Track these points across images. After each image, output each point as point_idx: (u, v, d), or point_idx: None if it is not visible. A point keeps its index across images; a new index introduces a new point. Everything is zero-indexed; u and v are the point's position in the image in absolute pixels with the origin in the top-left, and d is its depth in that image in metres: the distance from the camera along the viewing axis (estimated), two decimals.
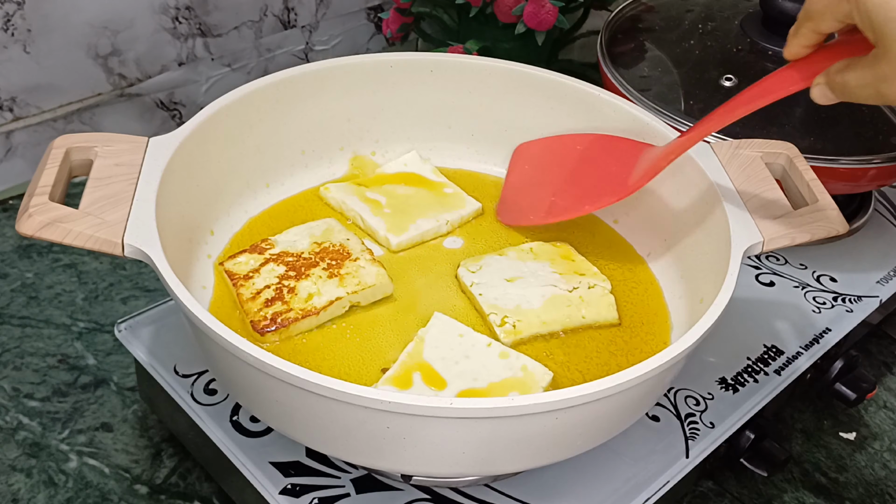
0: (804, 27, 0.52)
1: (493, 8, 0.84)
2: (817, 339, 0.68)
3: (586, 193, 0.64)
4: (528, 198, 0.68)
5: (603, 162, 0.65)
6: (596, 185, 0.64)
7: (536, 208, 0.66)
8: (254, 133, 0.65)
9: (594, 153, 0.67)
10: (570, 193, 0.66)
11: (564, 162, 0.68)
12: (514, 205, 0.69)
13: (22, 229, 0.49)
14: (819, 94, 0.52)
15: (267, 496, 0.54)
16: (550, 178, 0.68)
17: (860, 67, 0.48)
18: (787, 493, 0.66)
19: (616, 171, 0.63)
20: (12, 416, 0.66)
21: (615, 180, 0.63)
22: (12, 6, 0.77)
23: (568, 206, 0.65)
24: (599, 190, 0.64)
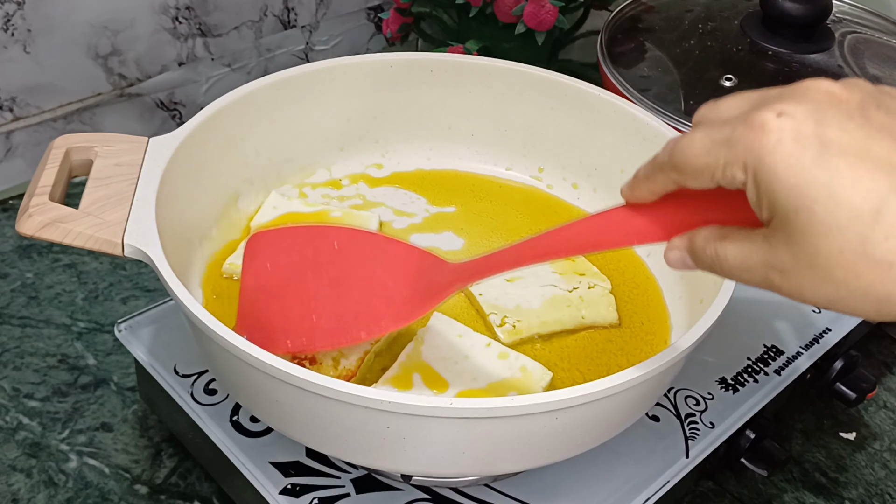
0: (663, 175, 0.41)
1: (493, 8, 0.84)
2: (817, 339, 0.68)
3: (357, 314, 0.52)
4: (279, 314, 0.54)
5: (370, 268, 0.53)
6: (368, 301, 0.52)
7: (293, 330, 0.53)
8: (254, 133, 0.65)
9: (356, 255, 0.54)
10: (335, 312, 0.53)
11: (319, 264, 0.54)
12: (261, 323, 0.54)
13: (22, 229, 0.49)
14: (676, 259, 0.42)
15: (267, 496, 0.54)
16: (303, 287, 0.54)
17: (745, 243, 0.38)
18: (787, 493, 0.66)
19: (390, 283, 0.52)
20: (12, 416, 0.66)
21: (392, 297, 0.52)
22: (12, 6, 0.77)
23: (334, 329, 0.52)
24: (373, 310, 0.52)
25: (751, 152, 0.36)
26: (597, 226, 0.45)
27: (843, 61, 0.78)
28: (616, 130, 0.67)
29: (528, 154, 0.72)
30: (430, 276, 0.51)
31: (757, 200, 0.36)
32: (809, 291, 0.36)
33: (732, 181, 0.37)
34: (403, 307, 0.51)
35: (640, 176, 0.42)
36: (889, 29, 0.85)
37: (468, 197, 0.70)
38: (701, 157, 0.38)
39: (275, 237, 0.55)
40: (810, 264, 0.35)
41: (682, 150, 0.39)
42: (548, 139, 0.71)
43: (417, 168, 0.72)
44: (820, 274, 0.35)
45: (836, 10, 0.85)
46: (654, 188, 0.42)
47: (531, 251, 0.47)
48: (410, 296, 0.51)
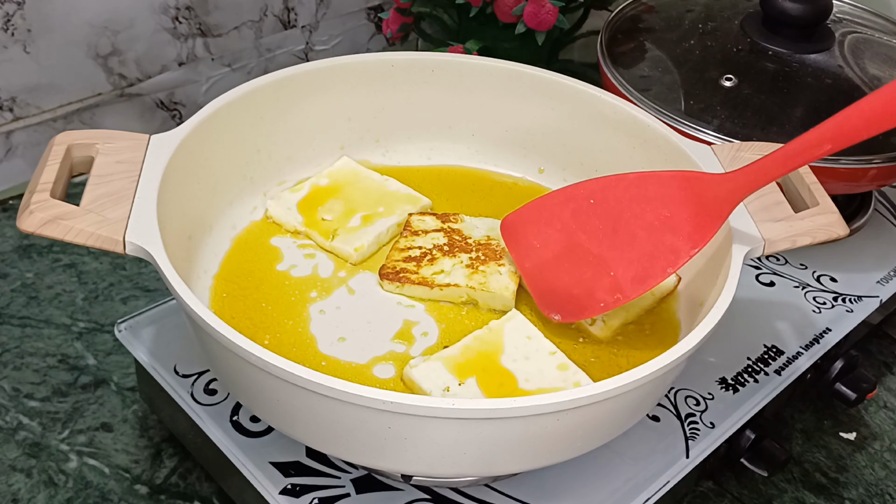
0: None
1: (493, 8, 0.84)
2: (817, 339, 0.68)
3: (650, 254, 0.52)
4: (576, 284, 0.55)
5: (641, 208, 0.53)
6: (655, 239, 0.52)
7: (599, 293, 0.54)
8: (254, 131, 0.65)
9: (618, 202, 0.54)
10: (629, 259, 0.53)
11: (584, 226, 0.55)
12: (563, 296, 0.56)
13: (23, 226, 0.49)
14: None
15: (267, 496, 0.54)
16: (583, 251, 0.55)
17: None
18: (787, 493, 0.66)
19: (666, 213, 0.52)
20: (12, 416, 0.66)
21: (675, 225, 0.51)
22: (12, 6, 0.77)
23: (637, 274, 0.53)
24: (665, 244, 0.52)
25: None
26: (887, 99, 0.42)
27: (843, 61, 0.78)
28: (616, 130, 0.67)
29: (528, 154, 0.72)
30: (705, 193, 0.51)
31: None
32: None
33: None
34: (693, 231, 0.51)
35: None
36: (889, 29, 0.85)
37: (468, 196, 0.70)
38: None
39: (526, 215, 0.57)
40: None
41: None
42: (548, 139, 0.71)
43: (418, 167, 0.72)
44: None
45: (836, 10, 0.85)
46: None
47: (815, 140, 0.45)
48: (693, 217, 0.51)
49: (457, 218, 0.66)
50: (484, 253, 0.63)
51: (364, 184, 0.68)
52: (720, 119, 0.73)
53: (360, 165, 0.70)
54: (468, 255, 0.63)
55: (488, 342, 0.56)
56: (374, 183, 0.68)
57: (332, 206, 0.66)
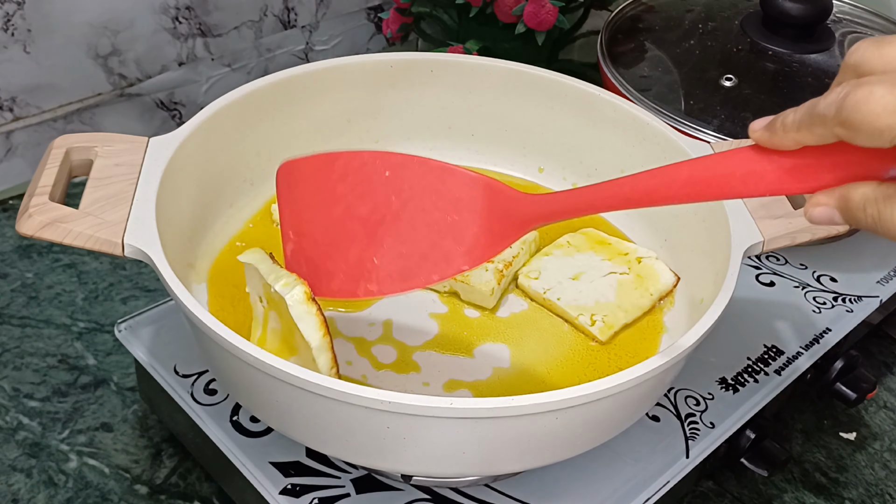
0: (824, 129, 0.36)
1: (493, 8, 0.84)
2: (817, 339, 0.68)
3: (424, 253, 0.47)
4: (335, 255, 0.48)
5: (431, 201, 0.47)
6: (434, 239, 0.47)
7: (353, 274, 0.48)
8: (254, 133, 0.65)
9: (412, 185, 0.47)
10: (398, 251, 0.47)
11: (370, 196, 0.48)
12: (313, 265, 0.49)
13: (22, 229, 0.49)
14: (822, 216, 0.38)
15: (267, 496, 0.54)
16: (357, 223, 0.48)
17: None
18: (787, 493, 0.66)
19: (457, 218, 0.46)
20: (12, 416, 0.66)
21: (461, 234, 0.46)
22: (12, 6, 0.77)
23: (401, 271, 0.47)
24: (442, 248, 0.46)
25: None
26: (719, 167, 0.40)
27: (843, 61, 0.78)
28: (616, 130, 0.67)
29: (528, 154, 0.72)
30: (503, 209, 0.46)
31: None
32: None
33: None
34: (475, 246, 0.46)
35: (788, 123, 0.38)
36: (889, 29, 0.85)
37: None
38: (883, 117, 0.34)
39: (312, 165, 0.49)
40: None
41: (856, 107, 0.35)
42: (548, 139, 0.71)
43: None
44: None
45: (836, 10, 0.85)
46: (804, 139, 0.37)
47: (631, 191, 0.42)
48: (480, 232, 0.46)
49: None
50: None
51: None
52: (720, 119, 0.73)
53: None
54: None
55: None
56: None
57: None
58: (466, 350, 0.58)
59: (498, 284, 0.61)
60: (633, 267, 0.63)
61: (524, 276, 0.63)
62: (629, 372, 0.47)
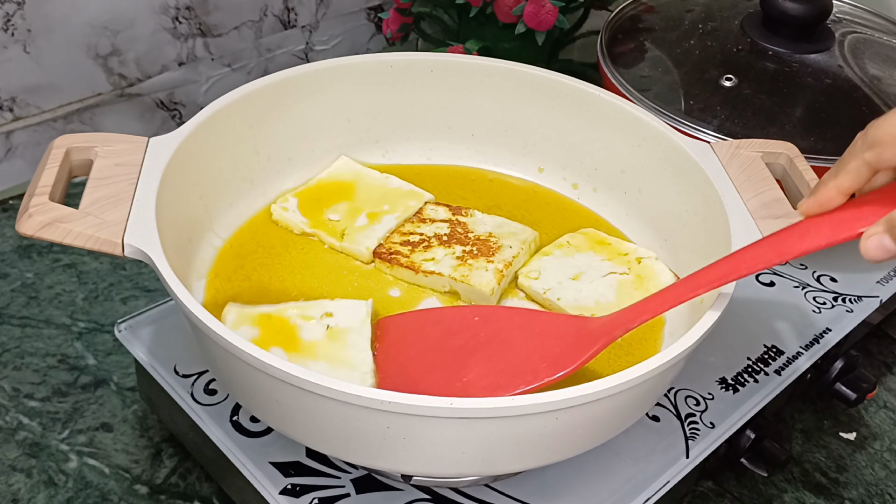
0: (856, 161, 0.43)
1: (493, 8, 0.84)
2: (817, 339, 0.68)
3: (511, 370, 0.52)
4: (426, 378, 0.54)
5: (518, 334, 0.54)
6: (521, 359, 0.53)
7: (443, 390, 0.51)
8: (254, 133, 0.65)
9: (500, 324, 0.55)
10: (487, 370, 0.53)
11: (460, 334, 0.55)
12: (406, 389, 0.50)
13: (22, 229, 0.49)
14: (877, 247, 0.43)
15: (267, 496, 0.54)
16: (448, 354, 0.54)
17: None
18: (787, 493, 0.66)
19: (540, 342, 0.53)
20: (12, 416, 0.66)
21: (546, 353, 0.52)
22: (12, 6, 0.77)
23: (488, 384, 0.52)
24: (530, 365, 0.52)
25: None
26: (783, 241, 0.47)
27: (843, 61, 0.78)
28: (616, 130, 0.67)
29: (528, 154, 0.72)
30: (580, 331, 0.52)
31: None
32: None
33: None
34: (557, 360, 0.51)
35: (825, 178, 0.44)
36: (889, 29, 0.85)
37: (468, 196, 0.70)
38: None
39: (405, 319, 0.57)
40: None
41: (879, 126, 0.42)
42: (548, 139, 0.71)
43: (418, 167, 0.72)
44: None
45: (836, 10, 0.85)
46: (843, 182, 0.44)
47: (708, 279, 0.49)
48: (563, 351, 0.52)
49: (467, 212, 0.66)
50: (479, 248, 0.63)
51: (366, 182, 0.68)
52: (720, 119, 0.73)
53: (360, 165, 0.70)
54: (462, 248, 0.63)
55: None
56: (376, 181, 0.68)
57: (336, 206, 0.66)
58: None
59: (498, 284, 0.61)
60: (633, 267, 0.63)
61: (524, 276, 0.63)
62: (629, 372, 0.47)
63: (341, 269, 0.63)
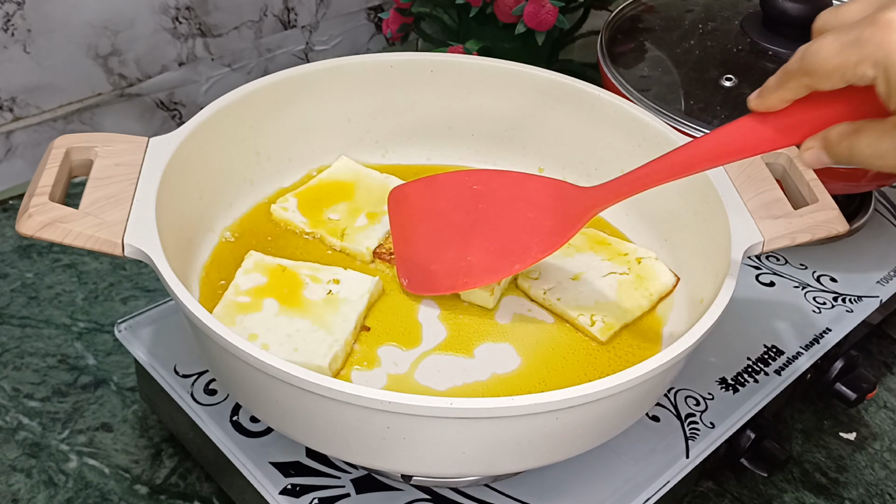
0: (795, 81, 0.45)
1: (493, 8, 0.84)
2: (817, 339, 0.68)
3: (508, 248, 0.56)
4: (437, 258, 0.58)
5: (511, 205, 0.57)
6: (515, 236, 0.56)
7: (451, 272, 0.57)
8: (254, 133, 0.65)
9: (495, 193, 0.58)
10: (487, 249, 0.56)
11: (462, 207, 0.58)
12: (420, 268, 0.58)
13: (22, 229, 0.49)
14: (812, 157, 0.46)
15: (267, 496, 0.54)
16: (453, 230, 0.58)
17: (876, 133, 0.43)
18: (787, 493, 0.66)
19: (531, 215, 0.56)
20: (12, 416, 0.66)
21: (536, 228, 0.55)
22: (12, 6, 0.77)
23: (490, 265, 0.56)
24: (522, 243, 0.55)
25: (881, 47, 0.40)
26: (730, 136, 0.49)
27: None
28: (616, 130, 0.67)
29: (528, 154, 0.72)
30: (568, 203, 0.55)
31: (887, 91, 0.41)
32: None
33: (863, 78, 0.42)
34: (548, 236, 0.55)
35: (770, 86, 0.46)
36: None
37: None
38: (831, 59, 0.42)
39: (416, 187, 0.61)
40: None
41: (813, 54, 0.43)
42: (548, 139, 0.71)
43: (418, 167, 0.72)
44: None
45: None
46: (785, 95, 0.46)
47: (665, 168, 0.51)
48: (553, 225, 0.55)
49: None
50: None
51: (366, 182, 0.68)
52: (720, 119, 0.73)
53: (360, 164, 0.70)
54: None
55: None
56: (376, 181, 0.68)
57: (336, 206, 0.66)
58: (466, 350, 0.58)
59: (498, 285, 0.61)
60: (633, 267, 0.63)
61: (524, 277, 0.63)
62: (629, 372, 0.47)
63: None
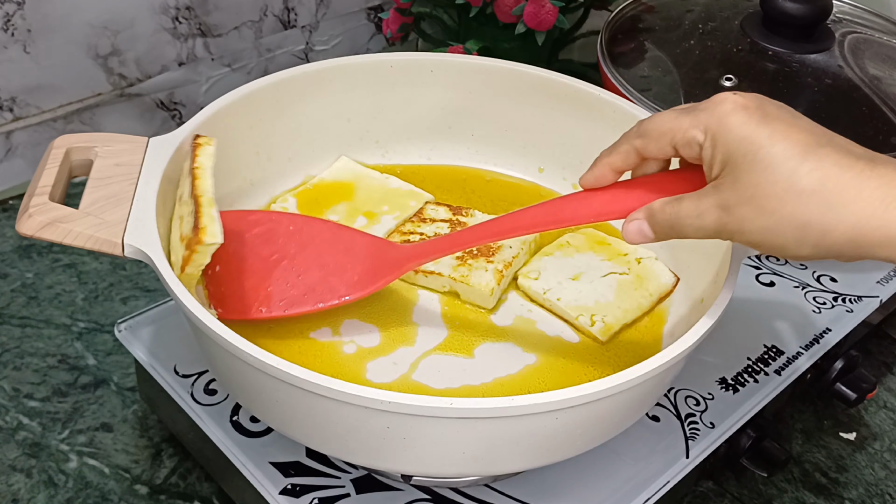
0: (627, 143, 0.49)
1: (493, 8, 0.84)
2: (817, 339, 0.68)
3: (312, 286, 0.57)
4: (236, 281, 0.58)
5: (324, 249, 0.58)
6: (323, 277, 0.57)
7: (246, 299, 0.57)
8: (253, 133, 0.65)
9: (312, 236, 0.59)
10: (289, 282, 0.57)
11: (274, 242, 0.59)
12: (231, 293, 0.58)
13: (22, 229, 0.49)
14: (634, 230, 0.49)
15: (267, 496, 0.54)
16: (258, 259, 0.58)
17: (696, 197, 0.46)
18: (787, 493, 0.66)
19: (343, 261, 0.57)
20: (12, 416, 0.66)
21: (345, 274, 0.57)
22: (12, 6, 0.77)
23: (289, 300, 0.56)
24: (328, 284, 0.57)
25: (712, 115, 0.46)
26: (557, 207, 0.52)
27: (843, 61, 0.78)
28: (616, 130, 0.66)
29: (528, 154, 0.72)
30: (382, 256, 0.57)
31: (711, 156, 0.46)
32: (749, 223, 0.44)
33: (691, 141, 0.47)
34: (357, 283, 0.56)
35: (602, 154, 0.51)
36: (889, 29, 0.85)
37: (468, 196, 0.70)
38: (666, 122, 0.48)
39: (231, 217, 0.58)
40: (751, 197, 0.44)
41: (650, 120, 0.49)
42: (548, 139, 0.71)
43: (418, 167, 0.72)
44: (757, 205, 0.44)
45: (836, 10, 0.85)
46: (615, 161, 0.50)
47: (489, 231, 0.54)
48: (363, 272, 0.57)
49: (468, 213, 0.66)
50: (479, 248, 0.63)
51: (365, 183, 0.68)
52: None
53: (360, 164, 0.70)
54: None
55: None
56: (376, 181, 0.68)
57: (336, 207, 0.66)
58: (466, 350, 0.58)
59: (497, 285, 0.61)
60: (633, 267, 0.63)
61: (524, 277, 0.63)
62: (629, 372, 0.47)
63: None
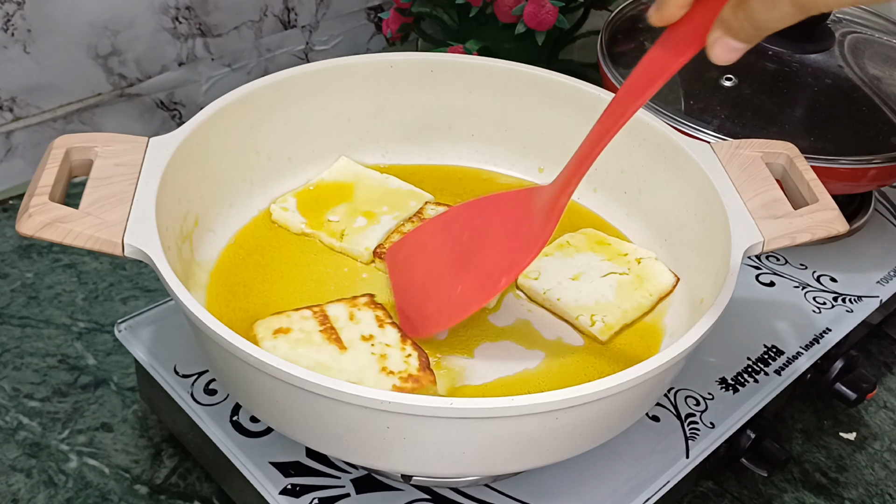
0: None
1: (493, 8, 0.84)
2: (817, 339, 0.68)
3: (492, 267, 0.55)
4: (430, 299, 0.58)
5: (492, 226, 0.57)
6: (500, 252, 0.56)
7: (446, 307, 0.56)
8: (254, 133, 0.65)
9: (476, 221, 0.58)
10: (474, 274, 0.56)
11: (449, 245, 0.58)
12: (416, 312, 0.58)
13: (22, 229, 0.49)
14: (722, 49, 0.46)
15: (267, 496, 0.54)
16: (443, 268, 0.58)
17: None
18: (787, 493, 0.66)
19: (513, 228, 0.56)
20: (12, 416, 0.66)
21: (518, 238, 0.55)
22: (12, 6, 0.77)
23: (478, 290, 0.55)
24: (508, 257, 0.55)
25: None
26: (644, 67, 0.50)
27: (843, 61, 0.78)
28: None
29: (528, 154, 0.72)
30: (539, 206, 0.55)
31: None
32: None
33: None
34: (528, 242, 0.54)
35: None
36: (889, 29, 0.85)
37: (468, 196, 0.70)
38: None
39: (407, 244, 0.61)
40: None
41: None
42: (548, 139, 0.71)
43: (417, 167, 0.72)
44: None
45: (836, 10, 0.85)
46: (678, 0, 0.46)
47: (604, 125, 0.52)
48: (530, 230, 0.55)
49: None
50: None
51: (365, 183, 0.68)
52: (720, 119, 0.73)
53: (360, 165, 0.70)
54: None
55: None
56: (376, 181, 0.68)
57: (336, 208, 0.66)
58: (466, 350, 0.58)
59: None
60: (633, 267, 0.63)
61: (524, 277, 0.63)
62: (629, 372, 0.47)
63: (341, 269, 0.63)
